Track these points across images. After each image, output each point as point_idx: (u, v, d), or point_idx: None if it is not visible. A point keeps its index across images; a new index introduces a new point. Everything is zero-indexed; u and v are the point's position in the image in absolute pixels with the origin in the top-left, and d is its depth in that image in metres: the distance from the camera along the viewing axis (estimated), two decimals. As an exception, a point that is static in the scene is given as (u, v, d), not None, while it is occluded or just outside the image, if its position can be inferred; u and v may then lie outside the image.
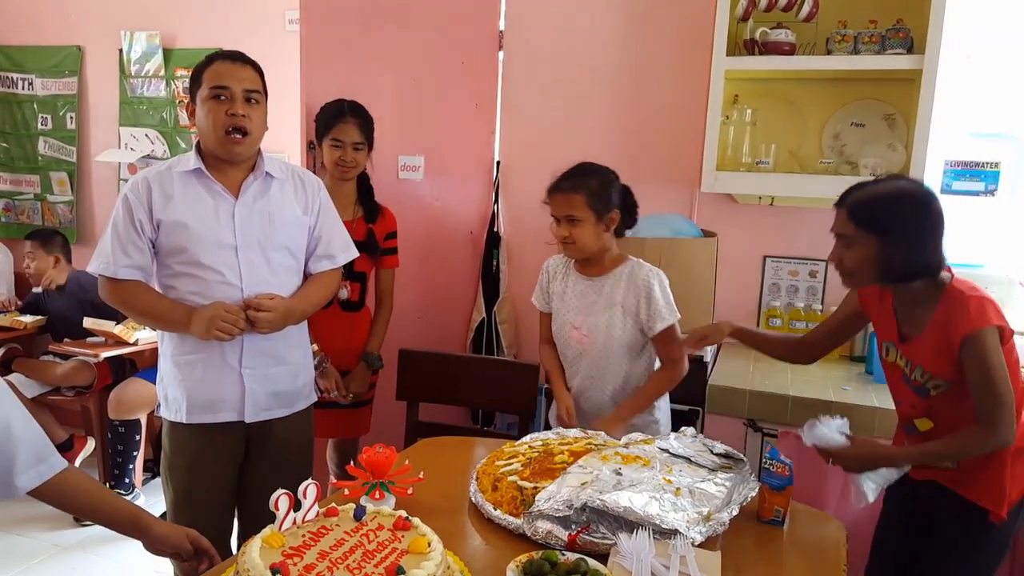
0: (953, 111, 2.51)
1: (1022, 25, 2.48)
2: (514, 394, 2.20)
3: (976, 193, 2.52)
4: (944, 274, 1.63)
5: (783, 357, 2.03)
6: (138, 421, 3.32)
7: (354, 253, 2.12)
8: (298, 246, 1.99)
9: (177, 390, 1.94)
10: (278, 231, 1.93)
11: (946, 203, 2.54)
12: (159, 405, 2.02)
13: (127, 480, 3.34)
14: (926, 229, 1.59)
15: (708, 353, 2.42)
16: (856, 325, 1.89)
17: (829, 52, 2.42)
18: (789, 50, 2.44)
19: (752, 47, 2.47)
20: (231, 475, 2.02)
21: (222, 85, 1.82)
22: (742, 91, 2.64)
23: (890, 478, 1.58)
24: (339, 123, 2.41)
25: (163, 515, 3.12)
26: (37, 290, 3.69)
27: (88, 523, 3.19)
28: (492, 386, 2.23)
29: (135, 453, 3.35)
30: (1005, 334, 1.56)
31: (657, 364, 2.11)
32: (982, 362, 1.53)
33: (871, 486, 1.55)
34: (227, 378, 1.92)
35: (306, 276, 2.04)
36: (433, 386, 2.32)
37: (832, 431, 1.59)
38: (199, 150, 1.91)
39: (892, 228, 1.58)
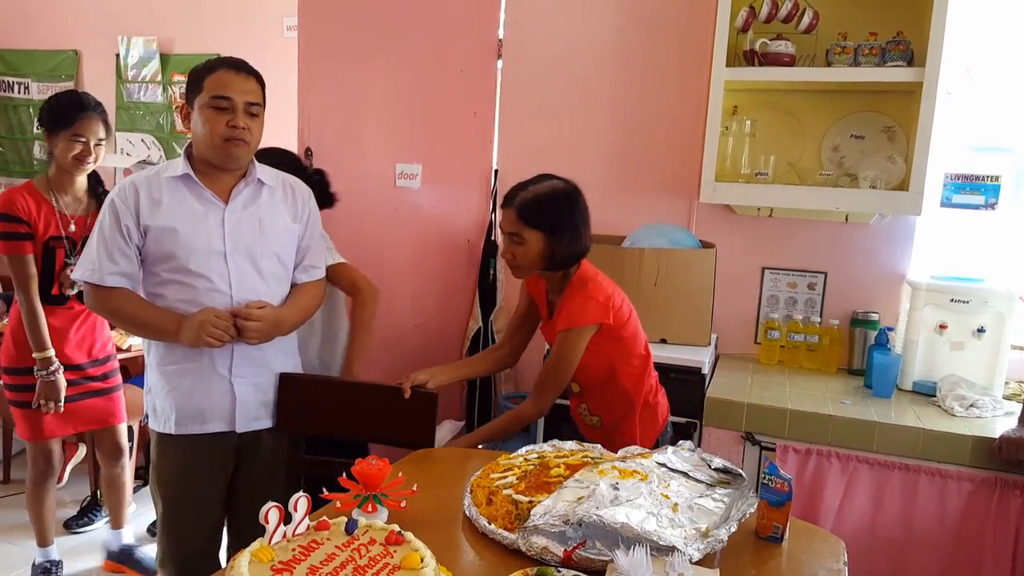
0: (953, 124, 2.51)
1: (1022, 39, 2.48)
2: (409, 425, 1.95)
3: (976, 206, 2.52)
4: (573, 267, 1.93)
5: (494, 369, 2.25)
6: (129, 428, 3.29)
7: (336, 258, 2.14)
8: (287, 254, 1.97)
9: (165, 400, 1.90)
10: (268, 238, 1.91)
11: (946, 216, 2.57)
12: (147, 416, 1.99)
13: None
14: (580, 222, 1.88)
15: (706, 365, 2.41)
16: (535, 313, 2.11)
17: (829, 64, 2.42)
18: (789, 61, 2.43)
19: (752, 58, 2.47)
20: (221, 486, 1.99)
21: (225, 95, 1.79)
22: (741, 102, 2.64)
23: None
24: (82, 118, 2.42)
25: (153, 524, 3.12)
26: None
27: (78, 531, 3.16)
28: (386, 416, 1.97)
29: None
30: (604, 327, 1.87)
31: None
32: (559, 351, 1.89)
33: None
34: (217, 387, 1.89)
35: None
36: (319, 417, 2.00)
37: None
38: (188, 155, 1.89)
39: (555, 224, 1.84)
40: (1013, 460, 1.97)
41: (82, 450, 3.58)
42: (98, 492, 3.30)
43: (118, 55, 3.90)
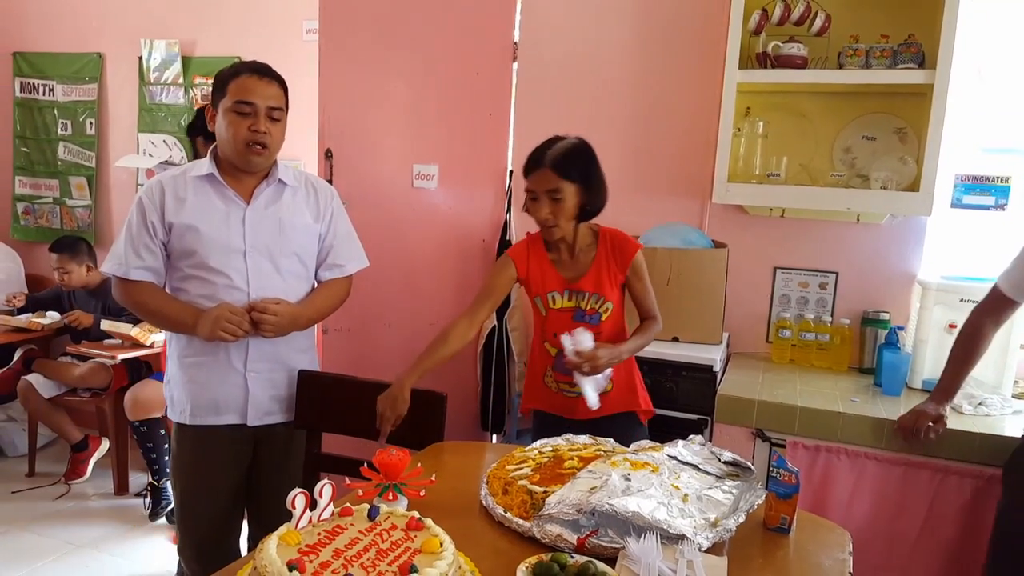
0: (964, 126, 2.53)
1: (1033, 41, 2.50)
2: (420, 426, 1.92)
3: (987, 207, 2.53)
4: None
5: (460, 345, 2.02)
6: (159, 419, 3.38)
7: (364, 263, 2.15)
8: (308, 253, 2.02)
9: (182, 392, 1.98)
10: (288, 237, 1.96)
11: (956, 217, 2.59)
12: (167, 406, 2.06)
13: (168, 470, 3.36)
14: (601, 173, 2.02)
15: (717, 363, 2.44)
16: (506, 291, 2.14)
17: (841, 66, 2.44)
18: (801, 63, 2.46)
19: (764, 60, 2.50)
20: (237, 476, 2.05)
21: (248, 101, 1.85)
22: (754, 104, 2.67)
23: (603, 385, 1.97)
24: None
25: (171, 511, 3.19)
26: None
27: (164, 515, 3.28)
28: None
29: (166, 445, 3.39)
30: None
31: None
32: (644, 273, 2.07)
33: (591, 390, 1.91)
34: (231, 381, 1.96)
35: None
36: (333, 414, 2.04)
37: (585, 340, 1.90)
38: (215, 156, 1.95)
39: (587, 173, 1.98)
40: (911, 429, 2.05)
41: (105, 444, 3.67)
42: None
43: (141, 58, 3.97)
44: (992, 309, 2.07)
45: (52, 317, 3.68)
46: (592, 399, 1.91)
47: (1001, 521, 1.93)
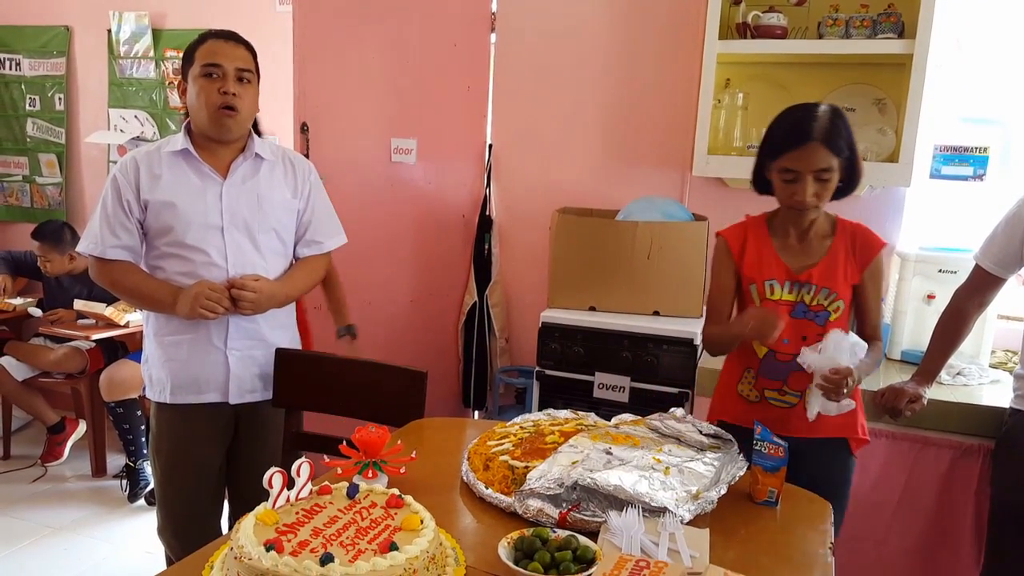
0: (943, 96, 2.52)
1: (1011, 11, 2.49)
2: (395, 402, 1.92)
3: (965, 178, 2.54)
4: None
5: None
6: (135, 399, 3.34)
7: (343, 240, 2.12)
8: (286, 229, 1.99)
9: (162, 370, 1.95)
10: (266, 213, 1.93)
11: (935, 188, 2.59)
12: (145, 386, 2.03)
13: (145, 451, 3.33)
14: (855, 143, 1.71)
15: (698, 336, 2.44)
16: (735, 279, 1.87)
17: (820, 36, 2.43)
18: (781, 34, 2.44)
19: (744, 31, 2.47)
20: (218, 455, 2.03)
21: (214, 63, 1.82)
22: (734, 75, 2.65)
23: (828, 409, 1.68)
24: None
25: (151, 492, 3.17)
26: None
27: (145, 495, 3.24)
28: (372, 393, 1.97)
29: (143, 426, 3.35)
30: None
31: None
32: (882, 279, 1.76)
33: (815, 407, 1.68)
34: (212, 359, 1.93)
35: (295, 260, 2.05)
36: (313, 392, 2.03)
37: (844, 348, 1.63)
38: (188, 130, 1.91)
39: (852, 148, 1.69)
40: (889, 406, 1.99)
41: (82, 426, 3.62)
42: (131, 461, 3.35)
43: (110, 31, 3.86)
44: (976, 290, 2.02)
45: (35, 313, 3.63)
46: (813, 412, 1.69)
47: (997, 500, 1.95)
